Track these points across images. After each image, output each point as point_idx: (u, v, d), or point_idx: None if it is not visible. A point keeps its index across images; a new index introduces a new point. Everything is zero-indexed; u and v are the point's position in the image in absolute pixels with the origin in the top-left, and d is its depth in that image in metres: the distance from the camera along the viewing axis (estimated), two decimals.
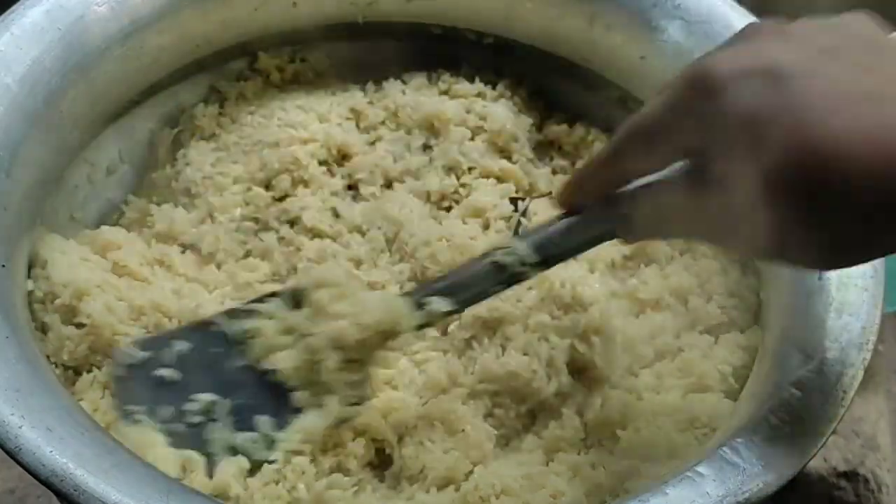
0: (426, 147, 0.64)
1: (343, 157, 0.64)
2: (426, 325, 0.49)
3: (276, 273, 0.58)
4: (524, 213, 0.60)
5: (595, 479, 0.50)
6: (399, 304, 0.48)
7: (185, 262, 0.59)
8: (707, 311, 0.57)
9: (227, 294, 0.57)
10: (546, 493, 0.49)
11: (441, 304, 0.48)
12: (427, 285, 0.50)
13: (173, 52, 0.62)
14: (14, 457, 0.43)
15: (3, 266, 0.51)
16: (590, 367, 0.54)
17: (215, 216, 0.61)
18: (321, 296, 0.48)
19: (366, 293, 0.50)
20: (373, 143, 0.65)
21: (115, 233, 0.59)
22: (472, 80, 0.67)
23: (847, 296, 0.50)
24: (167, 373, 0.50)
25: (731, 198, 0.38)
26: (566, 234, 0.45)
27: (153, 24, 0.60)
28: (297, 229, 0.60)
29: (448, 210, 0.62)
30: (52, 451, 0.43)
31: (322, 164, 0.63)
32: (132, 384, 0.50)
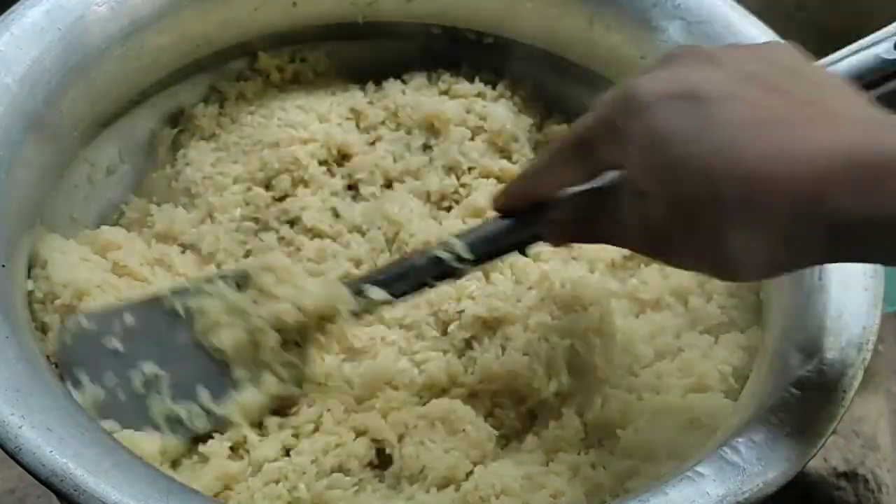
0: (426, 147, 0.64)
1: (343, 157, 0.64)
2: (364, 311, 0.51)
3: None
4: None
5: (595, 479, 0.50)
6: (338, 291, 0.50)
7: (185, 262, 0.59)
8: (707, 311, 0.57)
9: None
10: (546, 493, 0.49)
11: (379, 293, 0.50)
12: (367, 274, 0.53)
13: (173, 52, 0.62)
14: (14, 457, 0.43)
15: (3, 266, 0.51)
16: (590, 367, 0.54)
17: (215, 216, 0.61)
18: (265, 279, 0.51)
19: (307, 279, 0.52)
20: (373, 143, 0.65)
21: (115, 233, 0.59)
22: (472, 80, 0.67)
23: (847, 296, 0.50)
24: (114, 343, 0.51)
25: (648, 211, 0.41)
26: (499, 236, 0.48)
27: (153, 24, 0.60)
28: (297, 229, 0.60)
29: (448, 210, 0.62)
30: (52, 451, 0.43)
31: (322, 164, 0.63)
32: (80, 351, 0.51)
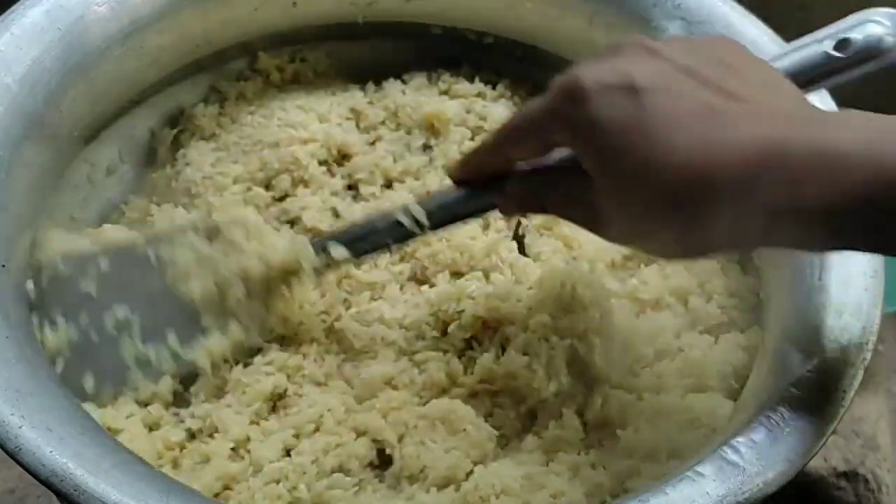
0: (426, 147, 0.64)
1: (343, 157, 0.64)
2: (325, 267, 0.53)
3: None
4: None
5: (595, 479, 0.50)
6: (302, 247, 0.53)
7: None
8: (707, 311, 0.57)
9: None
10: (546, 493, 0.49)
11: (340, 251, 0.52)
12: (332, 233, 0.56)
13: (173, 52, 0.62)
14: (14, 457, 0.43)
15: (3, 266, 0.51)
16: (590, 367, 0.54)
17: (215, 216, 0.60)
18: (234, 233, 0.53)
19: (274, 235, 0.54)
20: (373, 143, 0.65)
21: (117, 231, 0.59)
22: (472, 80, 0.67)
23: (847, 296, 0.50)
24: (89, 286, 0.53)
25: (591, 191, 0.44)
26: (456, 204, 0.51)
27: (153, 24, 0.60)
28: (297, 229, 0.60)
29: None
30: (52, 451, 0.43)
31: (322, 164, 0.63)
32: (56, 293, 0.53)
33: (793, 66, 0.49)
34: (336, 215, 0.61)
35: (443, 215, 0.51)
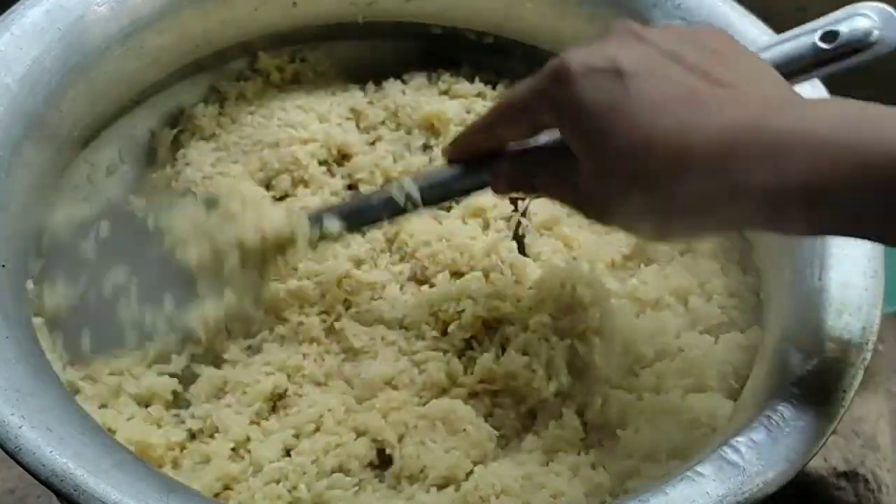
0: (426, 147, 0.64)
1: (343, 157, 0.64)
2: (320, 240, 0.53)
3: (275, 273, 0.58)
4: (524, 213, 0.60)
5: (595, 479, 0.50)
6: (298, 219, 0.53)
7: None
8: (707, 311, 0.57)
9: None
10: (546, 493, 0.49)
11: (334, 224, 0.53)
12: (327, 206, 0.56)
13: (173, 52, 0.62)
14: (14, 457, 0.43)
15: (3, 266, 0.51)
16: (590, 367, 0.54)
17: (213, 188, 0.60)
18: (232, 204, 0.53)
19: (271, 207, 0.56)
20: (373, 143, 0.65)
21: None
22: (472, 80, 0.67)
23: (847, 296, 0.50)
24: (88, 252, 0.53)
25: (574, 169, 0.45)
26: (449, 181, 0.52)
27: (153, 24, 0.60)
28: None
29: (448, 210, 0.62)
30: (52, 451, 0.43)
31: (322, 164, 0.63)
32: (56, 258, 0.54)
33: (780, 56, 0.49)
34: None
35: (436, 192, 0.52)
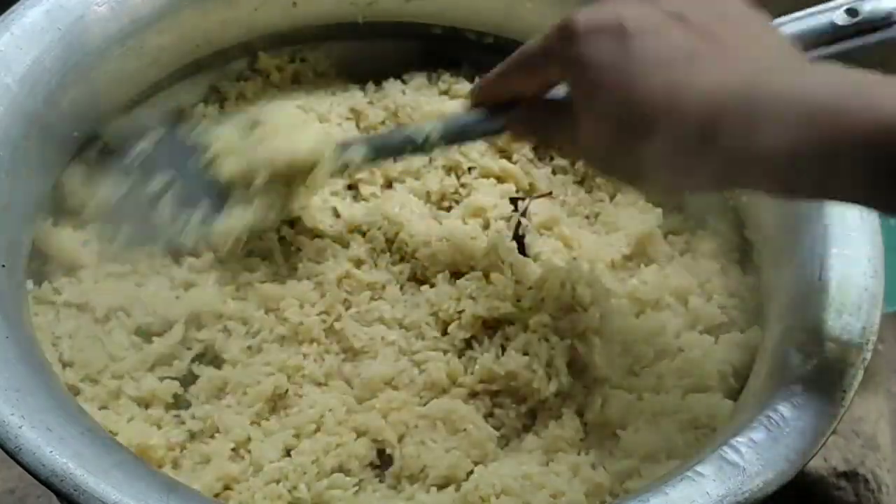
0: None
1: None
2: (344, 167, 0.56)
3: (276, 273, 0.58)
4: (524, 213, 0.60)
5: (595, 479, 0.50)
6: (327, 142, 0.56)
7: (186, 261, 0.59)
8: (707, 311, 0.57)
9: (228, 294, 0.57)
10: (546, 493, 0.49)
11: (359, 150, 0.56)
12: (355, 139, 0.60)
13: (173, 52, 0.62)
14: (14, 457, 0.43)
15: (3, 266, 0.51)
16: (590, 367, 0.54)
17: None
18: (269, 128, 0.57)
19: (304, 131, 0.57)
20: None
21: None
22: (471, 80, 0.67)
23: (847, 296, 0.50)
24: (134, 159, 0.57)
25: (576, 122, 0.47)
26: (470, 124, 0.55)
27: (153, 24, 0.60)
28: (298, 229, 0.60)
29: (448, 210, 0.62)
30: (52, 451, 0.43)
31: None
32: (105, 161, 0.57)
33: (798, 29, 0.50)
34: (336, 215, 0.61)
35: (456, 133, 0.55)
